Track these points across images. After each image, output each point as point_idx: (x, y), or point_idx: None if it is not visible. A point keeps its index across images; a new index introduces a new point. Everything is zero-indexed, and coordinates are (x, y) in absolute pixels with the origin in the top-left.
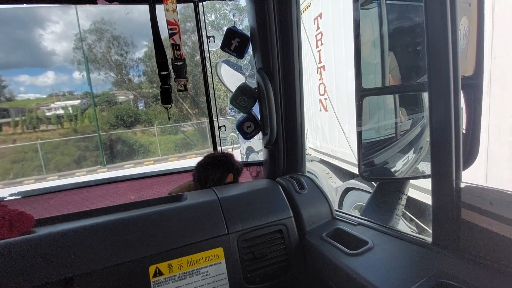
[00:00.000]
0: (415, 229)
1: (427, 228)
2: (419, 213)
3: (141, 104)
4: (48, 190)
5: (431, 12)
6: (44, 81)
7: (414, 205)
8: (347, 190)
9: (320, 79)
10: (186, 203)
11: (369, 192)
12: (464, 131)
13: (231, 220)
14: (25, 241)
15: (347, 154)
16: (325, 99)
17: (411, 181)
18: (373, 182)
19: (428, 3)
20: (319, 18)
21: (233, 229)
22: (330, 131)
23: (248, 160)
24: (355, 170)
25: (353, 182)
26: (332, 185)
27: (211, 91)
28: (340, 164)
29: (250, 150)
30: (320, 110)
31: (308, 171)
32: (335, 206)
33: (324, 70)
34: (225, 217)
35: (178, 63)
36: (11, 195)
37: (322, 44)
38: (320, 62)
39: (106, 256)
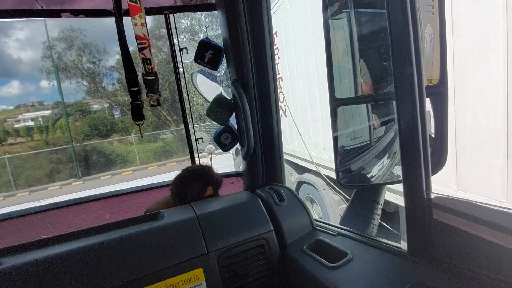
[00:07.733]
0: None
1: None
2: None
3: (116, 113)
4: (11, 215)
5: (394, 21)
6: (9, 92)
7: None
8: (300, 183)
9: (279, 88)
10: (163, 222)
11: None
12: (433, 138)
13: (210, 239)
14: None
15: (304, 153)
16: (284, 105)
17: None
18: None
19: (390, 14)
20: (274, 35)
21: (212, 248)
22: (290, 133)
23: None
24: (308, 165)
25: (304, 176)
26: (291, 180)
27: (186, 105)
28: (300, 162)
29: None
30: (281, 115)
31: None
32: None
33: (282, 81)
34: (204, 235)
35: (150, 78)
36: None
37: (279, 58)
38: (279, 73)
39: (77, 287)
